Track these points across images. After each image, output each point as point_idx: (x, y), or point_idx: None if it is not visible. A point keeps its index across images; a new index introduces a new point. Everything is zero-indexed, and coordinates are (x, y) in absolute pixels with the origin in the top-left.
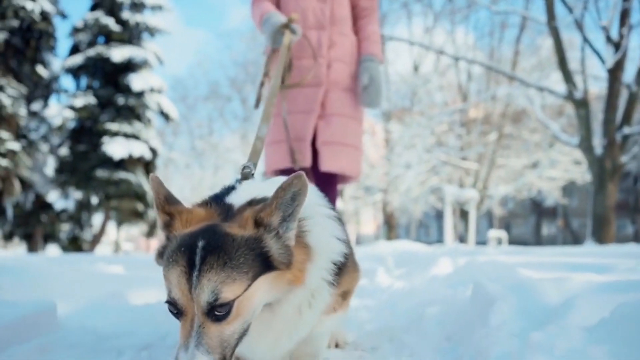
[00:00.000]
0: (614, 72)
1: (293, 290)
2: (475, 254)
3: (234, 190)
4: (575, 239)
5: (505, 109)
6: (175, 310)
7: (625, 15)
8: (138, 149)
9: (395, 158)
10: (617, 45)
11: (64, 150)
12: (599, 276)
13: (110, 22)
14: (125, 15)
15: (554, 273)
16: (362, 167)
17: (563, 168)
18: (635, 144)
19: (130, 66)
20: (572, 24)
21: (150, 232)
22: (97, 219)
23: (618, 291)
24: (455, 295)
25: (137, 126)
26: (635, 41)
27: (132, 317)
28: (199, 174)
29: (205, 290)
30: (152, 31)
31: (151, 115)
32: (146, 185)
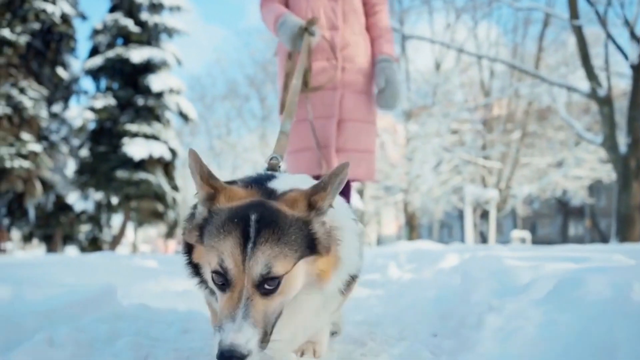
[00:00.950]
0: (639, 69)
1: (315, 290)
2: (477, 250)
3: (275, 178)
4: (603, 239)
5: (529, 107)
6: (223, 281)
7: None
8: (158, 150)
9: (416, 156)
10: None
11: (84, 152)
12: (572, 265)
13: (129, 24)
14: (144, 16)
15: (536, 263)
16: (376, 168)
17: (589, 167)
18: None
19: (149, 67)
20: (596, 19)
21: (170, 233)
22: (117, 219)
23: (574, 274)
24: (450, 282)
25: (157, 127)
26: None
27: (174, 299)
28: (217, 174)
29: (259, 263)
30: (171, 32)
31: (170, 115)
32: (166, 186)
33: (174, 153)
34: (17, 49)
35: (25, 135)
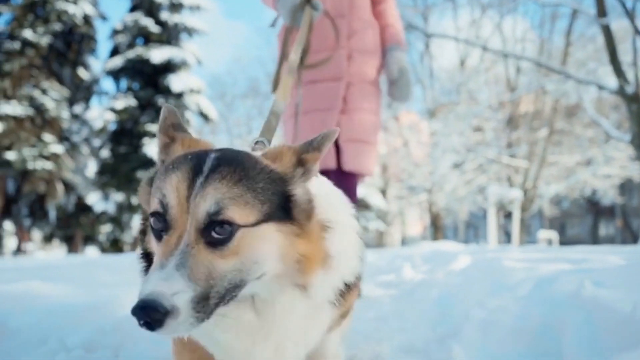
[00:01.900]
0: None
1: (297, 291)
2: (488, 252)
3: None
4: (635, 240)
5: (557, 103)
6: (162, 226)
7: None
8: None
9: (439, 154)
10: None
11: (104, 152)
12: (566, 265)
13: (149, 23)
14: (164, 15)
15: (533, 264)
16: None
17: (619, 165)
18: None
19: (169, 67)
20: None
21: None
22: (138, 220)
23: (554, 274)
24: (453, 282)
25: None
26: None
27: None
28: None
29: (207, 199)
30: (191, 31)
31: (190, 115)
32: None
33: None
34: (39, 50)
35: (47, 137)
